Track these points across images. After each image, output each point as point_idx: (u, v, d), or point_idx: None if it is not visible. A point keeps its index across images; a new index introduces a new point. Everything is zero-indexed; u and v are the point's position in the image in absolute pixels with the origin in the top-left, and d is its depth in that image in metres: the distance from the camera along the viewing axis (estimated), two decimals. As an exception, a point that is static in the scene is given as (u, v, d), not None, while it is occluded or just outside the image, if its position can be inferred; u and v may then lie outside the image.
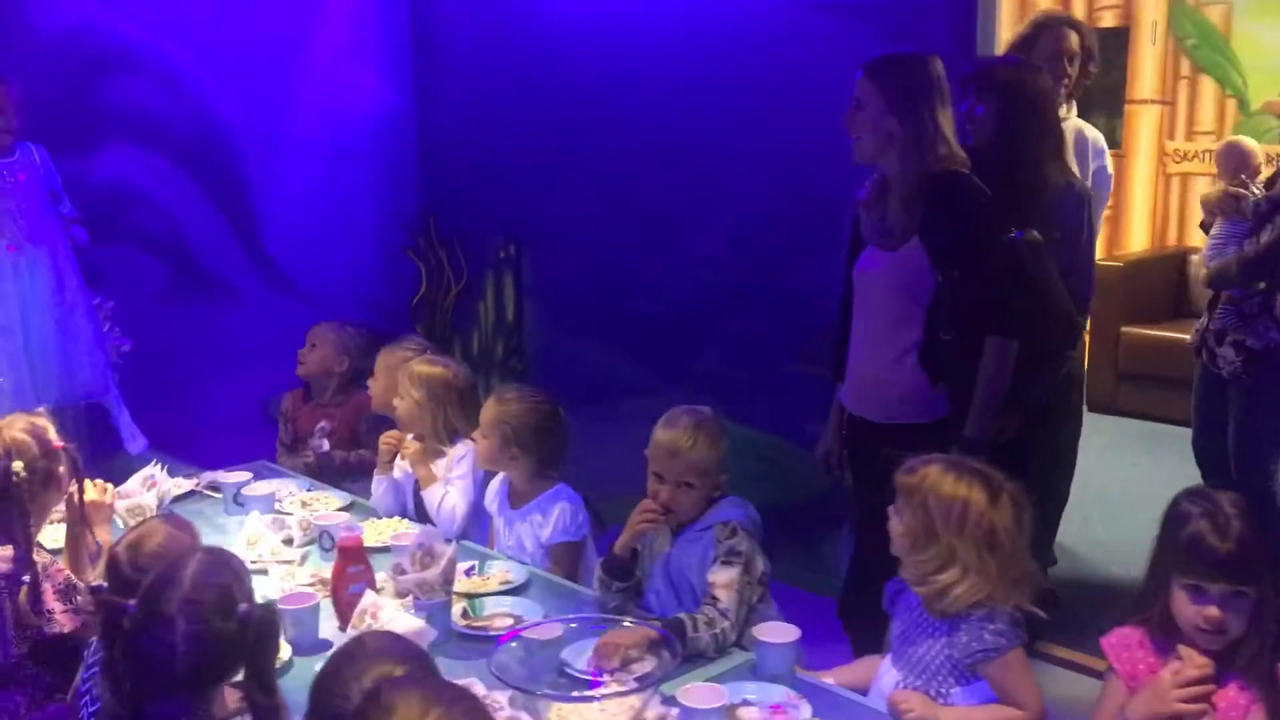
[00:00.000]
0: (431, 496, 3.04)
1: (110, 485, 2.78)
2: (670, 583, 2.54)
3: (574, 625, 2.27)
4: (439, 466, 3.08)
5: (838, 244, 3.07)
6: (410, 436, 3.17)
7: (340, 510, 3.13)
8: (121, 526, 2.87)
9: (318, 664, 1.77)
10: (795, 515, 3.99)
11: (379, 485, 3.19)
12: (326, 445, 3.68)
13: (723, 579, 2.37)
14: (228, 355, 4.92)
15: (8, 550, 2.29)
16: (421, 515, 3.11)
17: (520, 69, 4.96)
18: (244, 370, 4.94)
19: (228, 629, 1.80)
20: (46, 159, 3.89)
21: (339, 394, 3.89)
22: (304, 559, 2.86)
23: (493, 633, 2.43)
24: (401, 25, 5.33)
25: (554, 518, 2.79)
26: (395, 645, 1.67)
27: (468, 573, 2.68)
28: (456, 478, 3.04)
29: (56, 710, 2.33)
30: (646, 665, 2.20)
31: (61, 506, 2.54)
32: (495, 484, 2.98)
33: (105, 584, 2.13)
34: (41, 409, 2.47)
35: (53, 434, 2.45)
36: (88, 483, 2.56)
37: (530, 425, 2.80)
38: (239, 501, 3.21)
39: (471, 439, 3.05)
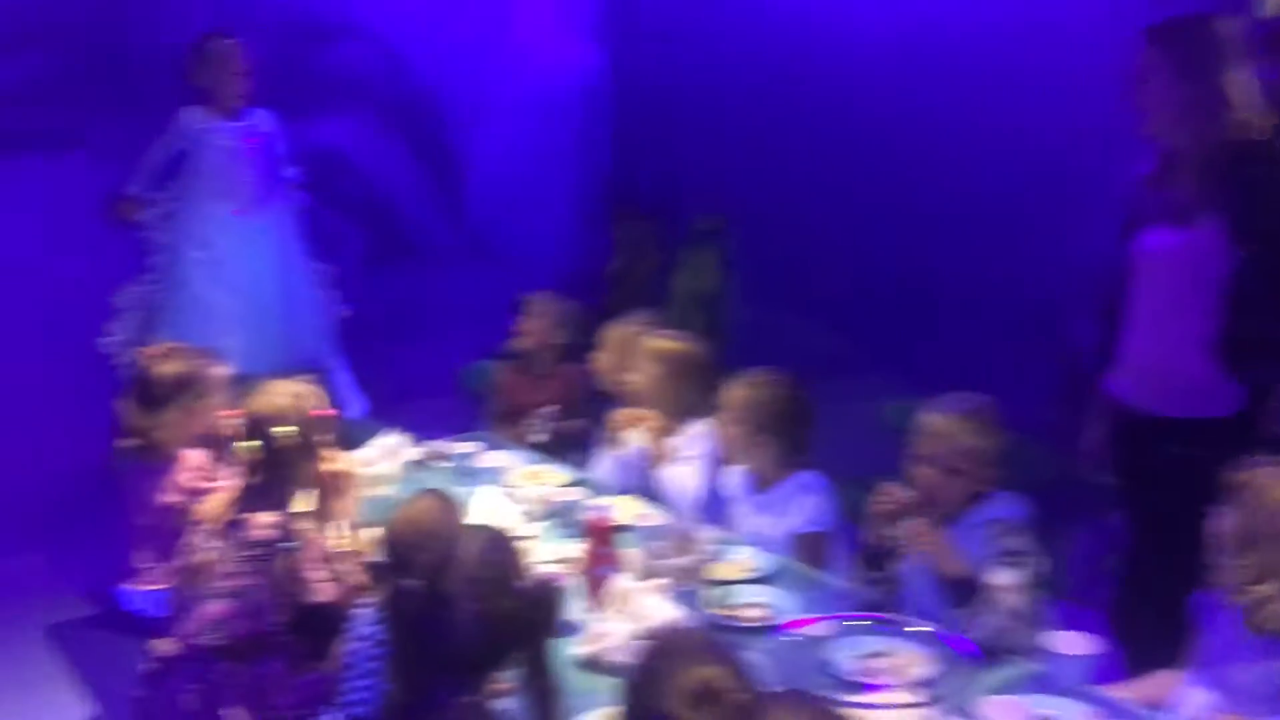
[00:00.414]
0: (666, 476, 2.93)
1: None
2: (934, 579, 2.38)
3: (849, 624, 2.13)
4: (674, 445, 2.98)
5: (1070, 218, 2.87)
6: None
7: (567, 486, 3.07)
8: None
9: (567, 647, 1.69)
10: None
11: (609, 461, 3.11)
12: (551, 425, 3.62)
13: (1006, 581, 2.20)
14: (424, 322, 4.94)
15: (273, 517, 2.27)
16: (651, 493, 3.02)
17: (731, 32, 4.82)
18: (440, 337, 4.96)
19: (509, 608, 1.74)
20: (275, 124, 3.92)
21: (555, 366, 3.82)
22: (540, 536, 2.80)
23: (744, 623, 2.32)
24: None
25: (802, 505, 2.66)
26: (710, 645, 1.57)
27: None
28: (693, 457, 2.93)
29: (316, 679, 2.31)
30: (917, 669, 2.06)
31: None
32: (736, 466, 2.85)
33: (377, 559, 2.10)
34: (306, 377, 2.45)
35: (316, 401, 2.43)
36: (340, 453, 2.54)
37: (779, 410, 2.68)
38: (467, 473, 3.18)
39: (708, 418, 2.94)
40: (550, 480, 3.15)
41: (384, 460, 2.90)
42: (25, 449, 4.05)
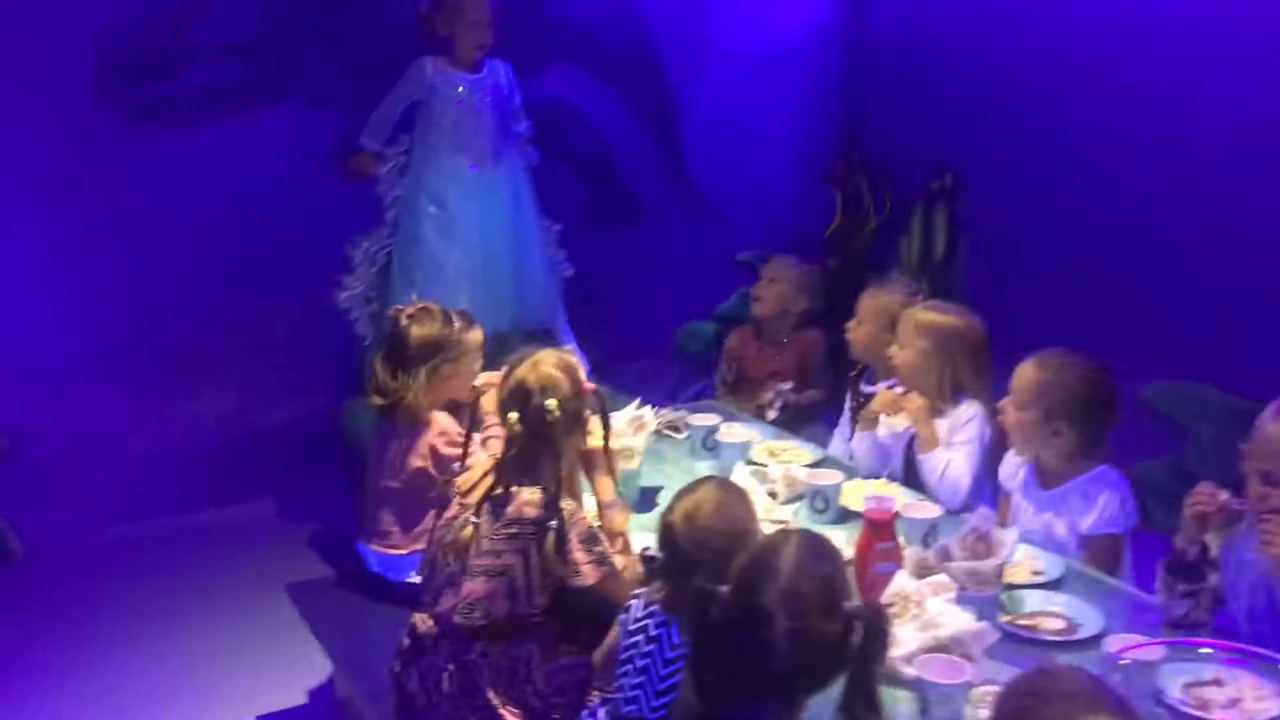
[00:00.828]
0: (932, 462, 2.71)
1: None
2: (1270, 599, 2.10)
3: (1182, 648, 1.89)
4: (940, 427, 2.75)
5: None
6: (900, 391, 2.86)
7: (811, 466, 2.88)
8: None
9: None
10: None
11: (861, 441, 2.91)
12: (789, 399, 3.45)
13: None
14: (641, 282, 4.79)
15: (537, 494, 2.16)
16: (910, 480, 2.80)
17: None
18: (657, 297, 4.80)
19: (831, 630, 1.55)
20: (511, 76, 3.80)
21: (791, 333, 3.63)
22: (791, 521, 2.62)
23: (1044, 635, 2.10)
24: (836, -69, 4.94)
25: (1098, 504, 2.40)
26: (1097, 689, 1.35)
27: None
28: (961, 443, 2.70)
29: (571, 664, 2.21)
30: (1263, 704, 1.81)
31: None
32: (1014, 457, 2.60)
33: (655, 552, 1.96)
34: (569, 346, 2.32)
35: (582, 373, 2.31)
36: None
37: (1081, 396, 2.41)
38: (709, 446, 3.02)
39: (980, 400, 2.70)
40: (794, 458, 2.97)
41: (630, 433, 2.75)
42: (259, 397, 4.11)
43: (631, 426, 2.77)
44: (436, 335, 2.78)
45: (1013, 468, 2.60)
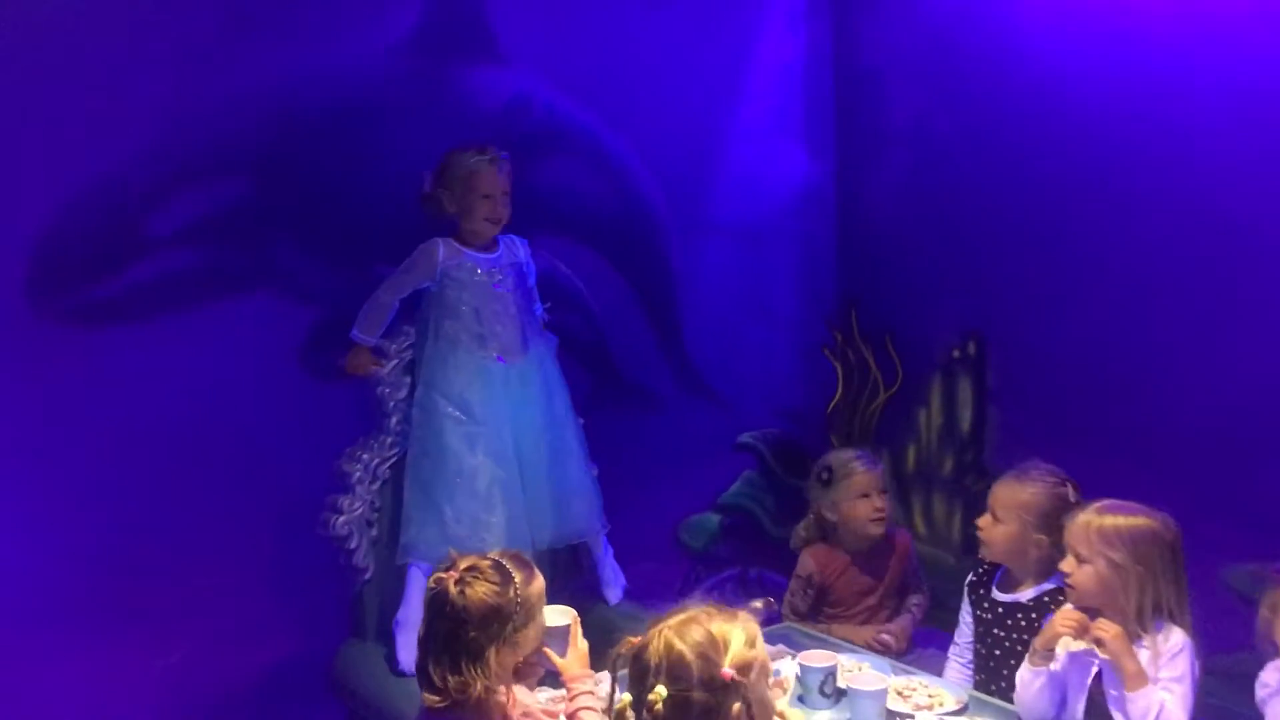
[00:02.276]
0: (1143, 703, 2.23)
1: None
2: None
3: None
4: (1142, 660, 2.28)
5: None
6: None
7: (956, 714, 2.39)
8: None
9: None
10: None
11: (1034, 680, 2.42)
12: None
13: None
14: (642, 473, 4.28)
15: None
16: (1096, 722, 2.32)
17: (977, 126, 4.22)
18: (657, 489, 4.32)
19: None
20: (529, 251, 3.33)
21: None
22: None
23: None
24: (825, 85, 4.68)
25: None
26: None
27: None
28: (1171, 680, 2.25)
29: None
30: None
31: None
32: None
33: None
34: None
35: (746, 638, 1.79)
36: None
37: None
38: (825, 692, 2.49)
39: (1181, 625, 2.26)
40: (939, 701, 2.47)
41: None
42: (234, 644, 3.34)
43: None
44: (500, 604, 2.20)
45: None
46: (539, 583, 2.31)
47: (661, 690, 1.71)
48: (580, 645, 2.38)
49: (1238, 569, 3.55)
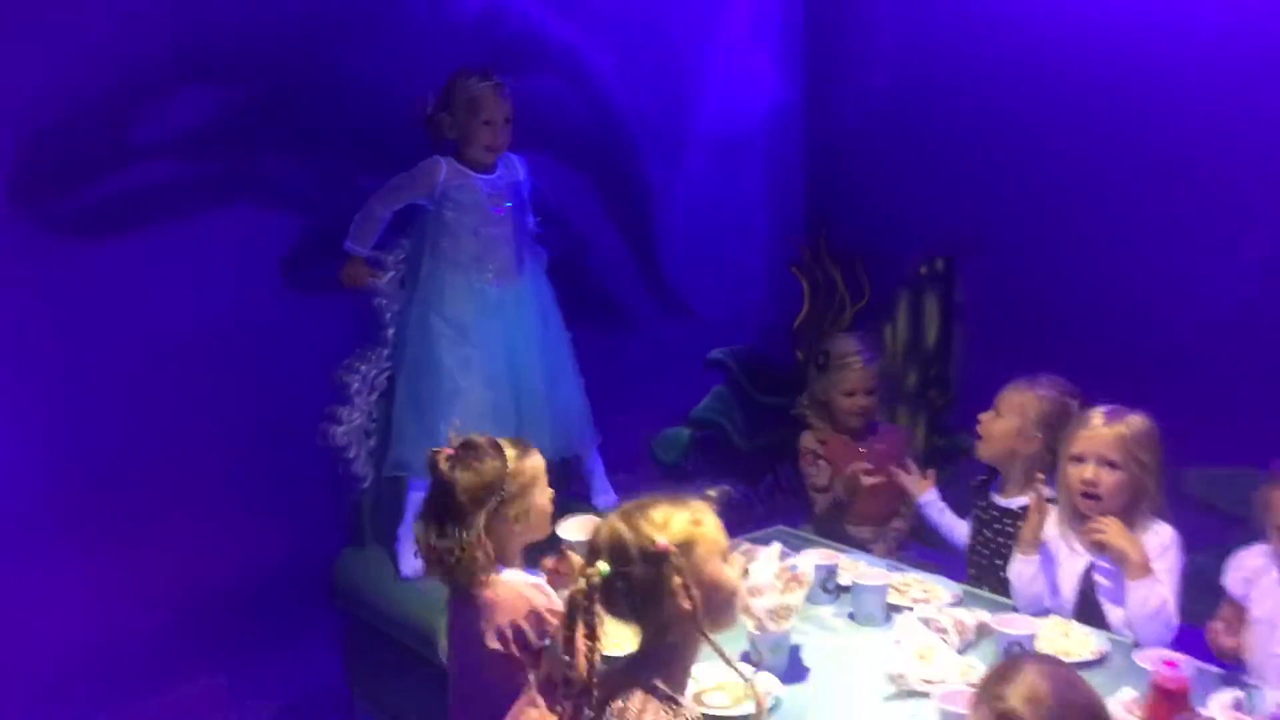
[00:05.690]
0: (1142, 592, 2.36)
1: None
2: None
3: None
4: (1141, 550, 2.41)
5: None
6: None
7: (955, 606, 2.51)
8: (756, 631, 2.27)
9: None
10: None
11: (1025, 568, 2.54)
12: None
13: None
14: (616, 388, 4.33)
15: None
16: (1084, 614, 2.44)
17: (949, 45, 4.28)
18: (630, 403, 4.36)
19: None
20: (527, 169, 3.31)
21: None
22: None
23: None
24: (796, 6, 4.68)
25: None
26: None
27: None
28: (1164, 571, 2.37)
29: None
30: None
31: None
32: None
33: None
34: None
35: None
36: None
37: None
38: (828, 589, 2.59)
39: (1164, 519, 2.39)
40: (934, 595, 2.59)
41: (778, 588, 2.29)
42: (233, 552, 3.34)
43: (782, 579, 2.31)
44: (490, 476, 2.23)
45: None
46: (534, 460, 2.32)
47: (602, 566, 1.70)
48: None
49: (1198, 473, 3.73)
